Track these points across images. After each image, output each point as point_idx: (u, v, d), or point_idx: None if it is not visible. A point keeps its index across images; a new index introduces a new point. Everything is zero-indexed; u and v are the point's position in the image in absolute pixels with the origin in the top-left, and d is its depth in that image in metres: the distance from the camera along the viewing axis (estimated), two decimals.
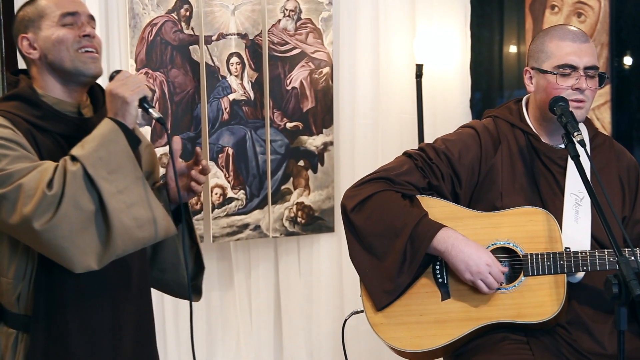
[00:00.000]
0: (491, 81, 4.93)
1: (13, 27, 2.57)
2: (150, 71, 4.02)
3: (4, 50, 3.93)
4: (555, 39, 2.85)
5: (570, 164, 2.84)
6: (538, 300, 2.73)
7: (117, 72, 2.47)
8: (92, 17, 2.53)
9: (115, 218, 2.32)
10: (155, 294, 2.75)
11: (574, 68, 2.80)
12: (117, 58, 4.01)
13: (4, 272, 2.45)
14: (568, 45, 2.82)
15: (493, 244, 2.81)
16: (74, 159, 2.33)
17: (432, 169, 2.88)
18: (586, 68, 2.80)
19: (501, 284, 2.77)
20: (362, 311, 2.89)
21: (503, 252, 2.82)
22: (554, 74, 2.81)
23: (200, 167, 2.58)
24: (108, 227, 2.33)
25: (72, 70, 2.47)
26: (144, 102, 2.43)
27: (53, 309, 2.42)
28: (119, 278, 2.50)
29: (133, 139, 2.41)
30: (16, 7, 3.85)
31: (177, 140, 2.55)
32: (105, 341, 2.47)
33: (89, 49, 2.48)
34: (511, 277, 2.80)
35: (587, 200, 2.81)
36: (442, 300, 2.79)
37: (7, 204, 2.31)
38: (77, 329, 2.43)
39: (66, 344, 2.42)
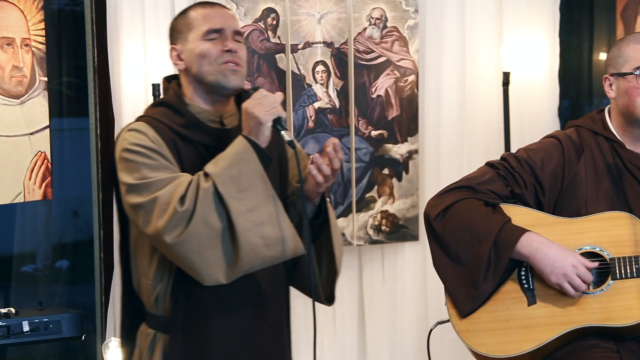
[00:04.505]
0: (580, 89, 4.86)
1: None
2: None
3: (95, 60, 4.03)
4: (632, 42, 2.85)
5: None
6: (627, 304, 2.69)
7: (255, 89, 2.49)
8: (238, 32, 2.55)
9: (242, 236, 2.35)
10: None
11: None
12: None
13: (144, 272, 2.52)
14: None
15: (579, 249, 2.78)
16: (206, 175, 2.38)
17: (515, 177, 2.87)
18: None
19: (588, 288, 2.74)
20: (447, 321, 2.88)
21: (589, 257, 2.78)
22: (634, 74, 2.79)
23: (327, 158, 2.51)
24: (235, 244, 2.36)
25: (213, 83, 2.50)
26: (277, 124, 2.43)
27: (192, 313, 2.47)
28: (254, 288, 2.52)
29: (265, 157, 2.42)
30: (108, 20, 3.95)
31: (330, 141, 2.51)
32: (239, 348, 2.51)
33: (231, 63, 2.50)
34: (598, 282, 2.76)
35: None
36: (528, 305, 2.76)
37: (144, 214, 2.38)
38: (217, 336, 2.48)
39: (206, 350, 2.48)
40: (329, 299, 2.72)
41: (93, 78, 4.01)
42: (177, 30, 2.57)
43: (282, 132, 2.44)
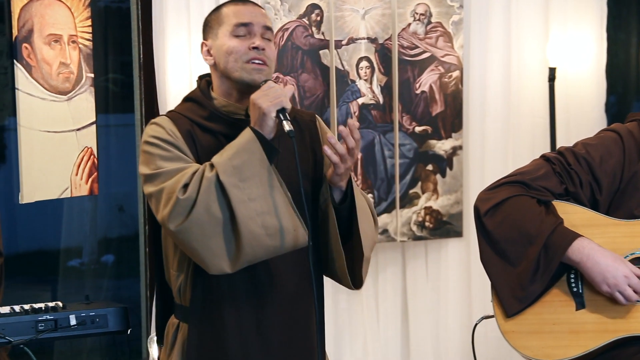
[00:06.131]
0: (627, 84, 4.80)
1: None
2: (281, 75, 4.08)
3: (141, 56, 4.05)
4: None
5: None
6: None
7: (265, 81, 2.51)
8: (267, 28, 2.57)
9: (243, 225, 2.38)
10: None
11: None
12: None
13: (171, 263, 2.58)
14: None
15: (631, 254, 2.72)
16: (212, 165, 2.42)
17: (571, 175, 2.79)
18: None
19: None
20: (492, 316, 2.84)
21: None
22: None
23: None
24: (237, 233, 2.39)
25: (238, 79, 2.54)
26: (280, 114, 2.45)
27: (209, 303, 2.51)
28: (270, 277, 2.54)
29: (270, 148, 2.44)
30: (154, 16, 3.97)
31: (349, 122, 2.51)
32: (253, 339, 2.53)
33: (256, 61, 2.52)
34: None
35: None
36: (576, 310, 2.72)
37: (155, 203, 2.46)
38: (232, 325, 2.51)
39: (222, 338, 2.51)
40: (357, 283, 2.68)
41: (139, 74, 4.04)
42: (209, 25, 2.61)
43: (284, 122, 2.44)
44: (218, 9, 2.61)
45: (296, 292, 2.58)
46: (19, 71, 3.61)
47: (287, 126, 2.44)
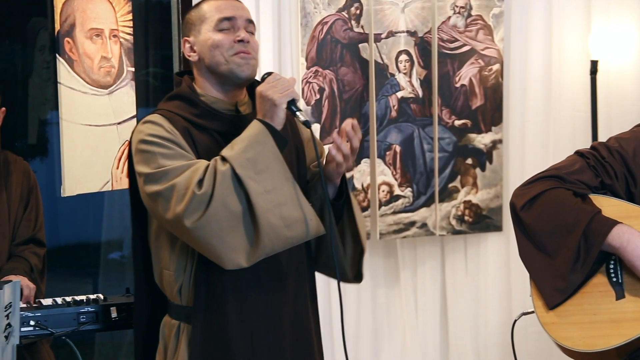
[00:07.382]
0: None
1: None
2: (320, 69, 4.08)
3: (181, 50, 4.07)
4: None
5: None
6: None
7: (269, 74, 2.51)
8: (250, 21, 2.58)
9: (262, 217, 2.36)
10: (322, 289, 2.78)
11: None
12: (288, 57, 4.09)
13: (166, 264, 2.53)
14: None
15: None
16: (224, 159, 2.40)
17: (605, 167, 2.79)
18: None
19: None
20: (532, 312, 2.83)
21: None
22: None
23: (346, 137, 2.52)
24: (256, 226, 2.37)
25: (226, 73, 2.52)
26: (292, 105, 2.46)
27: (212, 301, 2.49)
28: (273, 273, 2.53)
29: (281, 139, 2.44)
30: None
31: (348, 122, 2.51)
32: (264, 334, 2.52)
33: (242, 54, 2.52)
34: None
35: None
36: (616, 299, 2.70)
37: (163, 201, 2.40)
38: (235, 321, 2.49)
39: (226, 335, 2.49)
40: (357, 277, 2.68)
41: (179, 68, 4.06)
42: (191, 22, 2.60)
43: (297, 113, 2.45)
44: (198, 5, 2.60)
45: (294, 284, 2.58)
46: (61, 65, 3.66)
47: (302, 117, 2.45)
